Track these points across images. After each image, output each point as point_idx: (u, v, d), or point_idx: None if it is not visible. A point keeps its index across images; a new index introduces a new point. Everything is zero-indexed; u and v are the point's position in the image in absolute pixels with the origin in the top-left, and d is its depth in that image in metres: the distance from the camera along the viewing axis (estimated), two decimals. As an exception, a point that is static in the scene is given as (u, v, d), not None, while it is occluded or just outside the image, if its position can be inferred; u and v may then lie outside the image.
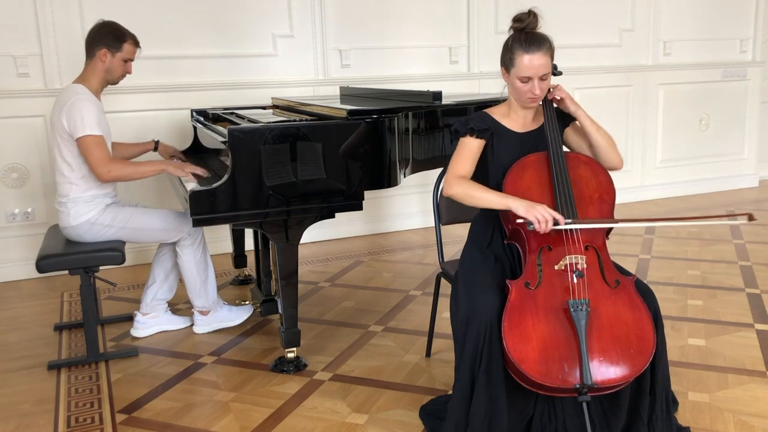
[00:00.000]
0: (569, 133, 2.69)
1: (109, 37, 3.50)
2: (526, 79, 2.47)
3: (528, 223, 2.35)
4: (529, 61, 2.44)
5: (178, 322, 3.84)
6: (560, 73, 2.66)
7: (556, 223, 2.35)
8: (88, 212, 3.47)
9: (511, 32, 2.52)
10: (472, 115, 2.65)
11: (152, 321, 3.77)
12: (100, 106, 3.51)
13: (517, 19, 2.51)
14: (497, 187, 2.52)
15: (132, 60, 3.60)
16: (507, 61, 2.51)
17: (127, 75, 3.63)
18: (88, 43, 3.53)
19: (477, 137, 2.58)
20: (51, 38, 4.68)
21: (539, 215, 2.33)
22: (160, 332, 3.78)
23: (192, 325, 3.81)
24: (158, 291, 3.78)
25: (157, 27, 4.89)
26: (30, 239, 4.80)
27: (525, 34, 2.47)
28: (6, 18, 4.60)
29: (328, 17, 5.44)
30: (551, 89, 2.60)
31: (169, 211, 3.65)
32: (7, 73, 4.66)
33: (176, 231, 3.58)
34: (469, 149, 2.59)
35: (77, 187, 3.47)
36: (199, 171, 3.51)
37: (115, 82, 3.62)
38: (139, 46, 3.63)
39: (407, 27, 5.71)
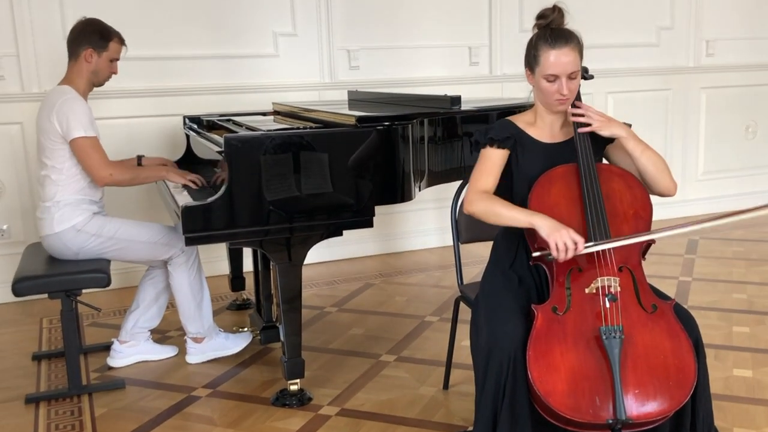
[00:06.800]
0: (613, 150, 2.68)
1: (94, 36, 3.57)
2: (553, 78, 2.49)
3: (546, 254, 2.36)
4: (556, 57, 2.46)
5: (160, 352, 3.84)
6: (591, 77, 2.67)
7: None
8: (74, 218, 3.50)
9: (535, 30, 2.56)
10: (494, 124, 2.67)
11: (131, 350, 3.78)
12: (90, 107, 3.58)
13: (540, 16, 2.55)
14: (522, 202, 2.53)
15: (118, 59, 3.69)
16: (531, 59, 2.54)
17: (113, 76, 3.72)
18: (71, 43, 3.60)
19: (498, 147, 2.59)
20: (29, 38, 4.73)
21: (560, 241, 2.32)
22: (142, 362, 3.78)
23: (179, 354, 3.82)
24: (141, 318, 3.79)
25: (145, 25, 4.94)
26: (5, 259, 4.82)
27: (550, 30, 2.51)
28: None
29: (336, 14, 5.47)
30: (574, 107, 2.56)
31: (162, 225, 3.70)
32: (-19, 76, 4.72)
33: (168, 246, 3.61)
34: (490, 162, 2.60)
35: (64, 188, 3.51)
36: (194, 177, 3.67)
37: (101, 84, 3.70)
38: (125, 44, 3.71)
39: (422, 25, 5.74)
